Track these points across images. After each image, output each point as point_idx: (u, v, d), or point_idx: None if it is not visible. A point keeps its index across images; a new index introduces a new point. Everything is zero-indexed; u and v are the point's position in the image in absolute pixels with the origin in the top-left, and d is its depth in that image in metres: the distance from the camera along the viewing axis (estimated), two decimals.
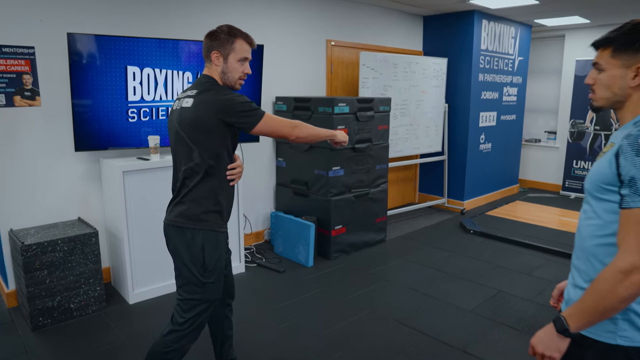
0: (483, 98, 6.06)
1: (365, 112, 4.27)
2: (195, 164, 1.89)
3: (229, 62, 1.94)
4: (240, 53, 1.94)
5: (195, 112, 1.86)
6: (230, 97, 1.85)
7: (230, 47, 1.92)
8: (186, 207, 1.93)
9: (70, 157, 3.43)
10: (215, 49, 1.93)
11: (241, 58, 1.95)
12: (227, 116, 1.84)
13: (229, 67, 1.94)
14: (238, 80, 1.98)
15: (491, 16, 5.89)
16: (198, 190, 1.92)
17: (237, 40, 1.93)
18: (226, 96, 1.85)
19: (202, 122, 1.85)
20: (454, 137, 6.05)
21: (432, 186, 6.37)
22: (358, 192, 4.37)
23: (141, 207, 3.32)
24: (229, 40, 1.92)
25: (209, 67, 1.98)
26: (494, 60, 6.11)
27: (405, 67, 5.31)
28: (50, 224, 3.35)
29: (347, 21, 5.16)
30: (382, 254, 4.45)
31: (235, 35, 1.94)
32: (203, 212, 1.92)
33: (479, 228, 5.12)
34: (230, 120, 1.85)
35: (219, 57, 1.93)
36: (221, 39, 1.92)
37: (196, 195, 1.92)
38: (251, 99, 3.90)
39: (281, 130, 1.95)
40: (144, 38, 3.28)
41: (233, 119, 1.85)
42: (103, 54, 3.15)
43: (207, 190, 1.92)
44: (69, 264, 3.10)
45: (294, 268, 4.09)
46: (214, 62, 1.95)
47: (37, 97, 3.26)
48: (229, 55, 1.93)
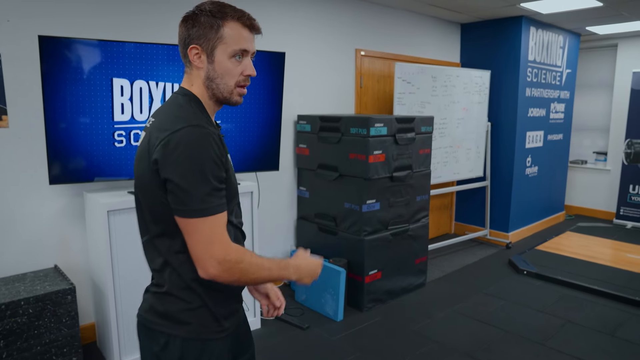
0: (530, 116, 5.33)
1: (405, 134, 3.57)
2: (153, 237, 1.23)
3: (216, 60, 1.19)
4: (234, 42, 1.19)
5: (141, 159, 1.17)
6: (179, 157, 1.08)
7: (215, 35, 1.17)
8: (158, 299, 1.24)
9: (46, 190, 2.76)
10: (193, 42, 1.19)
11: (236, 51, 1.20)
12: (167, 182, 1.11)
13: (217, 67, 1.20)
14: (235, 89, 1.23)
15: (540, 23, 5.19)
16: (164, 278, 1.22)
17: (226, 23, 1.18)
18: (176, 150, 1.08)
19: (147, 175, 1.15)
20: (497, 160, 5.31)
21: (471, 215, 5.61)
22: (396, 229, 3.64)
23: (130, 254, 2.63)
24: (212, 24, 1.17)
25: (187, 74, 1.25)
26: (541, 73, 5.39)
27: (444, 80, 4.61)
28: (17, 276, 2.67)
29: (378, 29, 4.49)
30: (424, 303, 3.69)
31: (223, 16, 1.18)
32: (182, 308, 1.21)
33: (534, 268, 4.34)
34: (169, 188, 1.11)
35: (201, 53, 1.19)
36: (201, 23, 1.17)
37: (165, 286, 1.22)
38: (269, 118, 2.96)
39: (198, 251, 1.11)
40: (136, 43, 2.62)
41: (170, 187, 1.10)
42: (83, 62, 2.48)
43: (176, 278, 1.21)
44: (36, 330, 2.41)
45: (320, 323, 3.35)
46: (194, 64, 1.21)
47: (3, 117, 2.61)
48: (216, 48, 1.18)
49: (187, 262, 1.17)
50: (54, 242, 2.84)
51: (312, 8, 3.91)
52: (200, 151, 1.09)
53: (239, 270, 1.12)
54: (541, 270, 4.29)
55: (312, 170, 3.77)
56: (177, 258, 1.19)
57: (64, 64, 2.44)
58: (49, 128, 2.48)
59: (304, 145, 3.82)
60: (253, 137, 3.18)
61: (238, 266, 1.12)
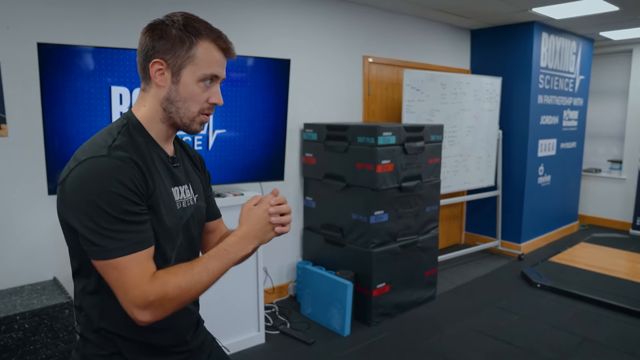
0: (542, 123, 5.20)
1: (414, 143, 3.46)
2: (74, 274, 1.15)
3: (182, 81, 1.07)
4: (206, 66, 1.07)
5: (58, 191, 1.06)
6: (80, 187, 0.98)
7: (186, 53, 1.06)
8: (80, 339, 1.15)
9: (45, 200, 2.70)
10: (158, 55, 1.06)
11: (207, 75, 1.08)
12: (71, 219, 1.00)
13: (181, 90, 1.08)
14: (198, 116, 1.11)
15: (552, 28, 5.07)
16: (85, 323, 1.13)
17: (200, 42, 1.06)
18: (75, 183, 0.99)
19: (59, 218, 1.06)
20: (509, 169, 5.18)
21: (481, 225, 5.48)
22: (405, 241, 3.53)
23: None
24: (184, 40, 1.05)
25: (143, 91, 1.13)
26: (554, 79, 5.27)
27: (454, 87, 4.51)
28: (15, 288, 2.60)
29: (386, 35, 4.40)
30: (435, 318, 3.57)
31: (198, 34, 1.06)
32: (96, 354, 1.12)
33: (547, 281, 4.20)
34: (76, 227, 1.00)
35: (165, 70, 1.07)
36: (171, 37, 1.05)
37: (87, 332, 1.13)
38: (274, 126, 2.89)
39: (122, 298, 0.99)
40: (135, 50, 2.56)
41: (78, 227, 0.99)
42: (81, 70, 2.42)
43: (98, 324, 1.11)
44: (31, 345, 2.33)
45: (326, 337, 3.24)
46: (154, 80, 1.08)
47: (2, 125, 2.55)
48: (184, 68, 1.06)
49: (98, 305, 1.07)
50: (53, 254, 2.77)
51: (319, 14, 3.84)
52: (101, 185, 0.96)
53: (169, 301, 0.99)
54: (555, 284, 4.15)
55: (318, 180, 3.67)
56: (88, 300, 1.09)
57: (62, 72, 2.38)
58: (48, 137, 2.41)
59: (310, 155, 3.73)
60: (257, 146, 3.10)
61: (165, 299, 0.99)
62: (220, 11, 3.26)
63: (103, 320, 1.08)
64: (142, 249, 1.00)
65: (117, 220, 0.97)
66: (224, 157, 2.97)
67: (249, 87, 2.97)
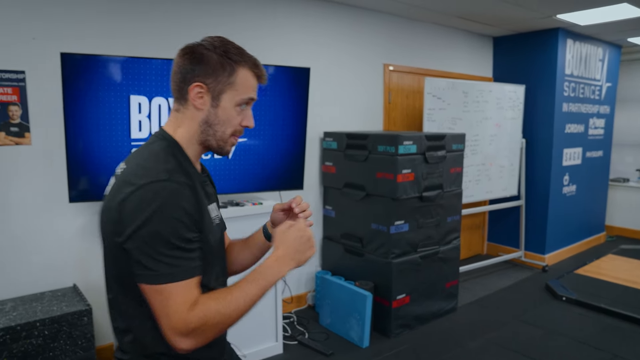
0: (567, 132, 5.08)
1: (435, 152, 3.41)
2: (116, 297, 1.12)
3: (221, 106, 1.09)
4: (244, 91, 1.10)
5: (104, 212, 1.06)
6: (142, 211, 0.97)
7: (227, 79, 1.08)
8: None
9: (66, 208, 2.73)
10: (198, 79, 1.07)
11: (244, 99, 1.11)
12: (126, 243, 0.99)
13: (220, 113, 1.10)
14: (230, 138, 1.14)
15: (577, 35, 4.97)
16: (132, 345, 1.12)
17: (240, 69, 1.09)
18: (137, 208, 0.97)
19: (106, 233, 1.05)
20: (532, 178, 5.07)
21: (504, 235, 5.36)
22: (425, 252, 3.46)
23: None
24: (226, 66, 1.07)
25: (178, 112, 1.13)
26: (579, 87, 5.15)
27: (476, 95, 4.44)
28: (36, 295, 2.62)
29: (407, 43, 4.36)
30: (456, 331, 3.49)
31: (239, 60, 1.09)
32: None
33: (573, 294, 4.07)
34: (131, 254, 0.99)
35: (204, 94, 1.08)
36: (212, 62, 1.07)
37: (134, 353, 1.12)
38: (293, 135, 2.88)
39: (164, 325, 0.99)
40: (156, 59, 2.57)
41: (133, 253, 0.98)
42: (102, 79, 2.44)
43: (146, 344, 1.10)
44: (51, 352, 2.34)
45: (345, 349, 3.19)
46: (192, 103, 1.09)
47: (26, 134, 2.59)
48: (224, 93, 1.09)
49: (152, 330, 1.05)
50: (73, 261, 2.79)
51: (339, 22, 3.82)
52: (164, 210, 0.97)
53: (210, 328, 1.00)
54: (582, 297, 4.02)
55: (338, 189, 3.64)
56: (142, 323, 1.06)
57: (84, 81, 2.41)
58: (70, 145, 2.44)
59: (330, 163, 3.70)
60: (276, 155, 3.08)
61: (207, 326, 0.99)
62: (240, 18, 3.26)
63: (160, 344, 1.04)
64: (190, 277, 1.00)
65: (174, 246, 0.98)
66: (244, 166, 2.96)
67: (268, 96, 2.97)
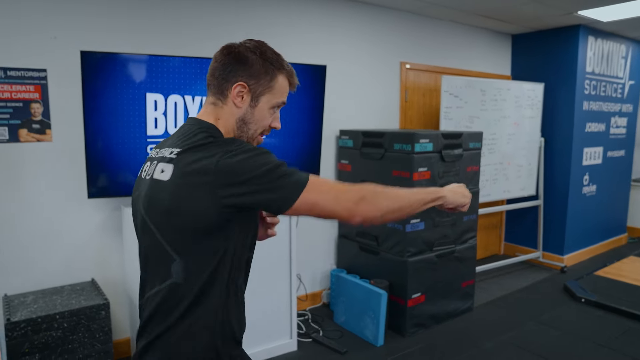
0: (588, 131, 4.99)
1: (452, 150, 3.38)
2: (176, 283, 1.07)
3: (259, 107, 1.17)
4: (279, 95, 1.19)
5: (179, 193, 1.03)
6: (245, 157, 1.03)
7: (268, 83, 1.16)
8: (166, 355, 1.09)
9: (86, 203, 2.77)
10: (242, 79, 1.14)
11: (278, 103, 1.20)
12: (241, 195, 1.02)
13: (256, 113, 1.17)
14: (258, 136, 1.22)
15: (599, 32, 4.87)
16: (186, 328, 1.08)
17: (279, 75, 1.17)
18: (238, 156, 1.02)
19: (192, 211, 1.03)
20: (551, 178, 4.99)
21: (521, 235, 5.29)
22: (441, 251, 3.44)
23: None
24: (268, 71, 1.15)
25: (216, 106, 1.17)
26: (600, 85, 5.05)
27: (494, 94, 4.38)
28: (55, 288, 2.67)
29: (424, 41, 4.33)
30: (471, 331, 3.46)
31: (279, 67, 1.17)
32: None
33: (593, 296, 4.00)
34: (249, 200, 1.03)
35: (245, 94, 1.15)
36: (255, 65, 1.14)
37: (185, 336, 1.09)
38: (310, 132, 2.91)
39: (337, 207, 1.08)
40: (172, 57, 2.60)
41: (252, 198, 1.02)
42: (120, 77, 2.48)
43: (201, 325, 1.09)
44: (70, 345, 2.38)
45: (359, 347, 3.19)
46: (232, 100, 1.15)
47: (47, 131, 2.64)
48: (263, 95, 1.16)
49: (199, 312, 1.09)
50: (91, 256, 2.84)
51: (355, 20, 3.81)
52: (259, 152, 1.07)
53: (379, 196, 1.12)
54: (601, 299, 3.94)
55: None
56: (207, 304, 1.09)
57: (102, 79, 2.45)
58: (89, 142, 2.48)
59: (346, 161, 3.70)
60: (293, 152, 3.09)
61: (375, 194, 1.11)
62: (257, 15, 3.28)
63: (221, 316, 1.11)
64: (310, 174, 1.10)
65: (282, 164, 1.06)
66: None
67: None
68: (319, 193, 1.06)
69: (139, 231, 1.17)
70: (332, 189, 1.08)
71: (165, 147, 1.14)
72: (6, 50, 2.49)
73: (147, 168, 1.17)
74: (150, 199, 1.10)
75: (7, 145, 2.54)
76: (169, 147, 1.12)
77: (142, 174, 1.19)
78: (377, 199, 1.11)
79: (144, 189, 1.13)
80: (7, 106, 2.52)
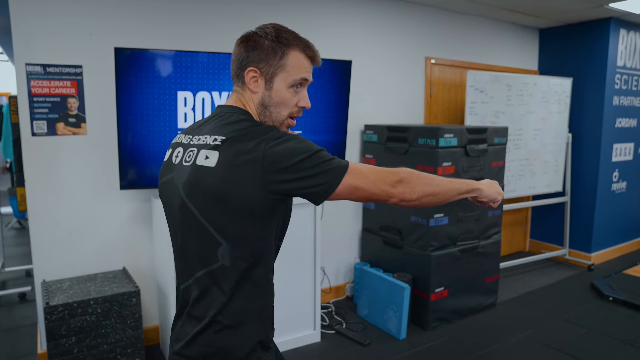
0: (618, 126, 4.89)
1: (476, 145, 3.37)
2: (223, 266, 1.10)
3: (274, 88, 1.16)
4: (296, 72, 1.16)
5: (226, 179, 1.05)
6: (288, 145, 1.06)
7: (278, 62, 1.14)
8: (216, 339, 1.12)
9: (118, 195, 2.88)
10: (252, 64, 1.15)
11: (296, 80, 1.16)
12: (288, 181, 1.05)
13: (274, 95, 1.16)
14: (286, 120, 1.20)
15: (632, 24, 4.76)
16: (232, 311, 1.12)
17: (290, 52, 1.15)
18: (282, 144, 1.05)
19: (239, 197, 1.05)
20: (578, 174, 4.91)
21: (547, 232, 5.23)
22: (465, 245, 3.44)
23: None
24: (277, 50, 1.14)
25: (238, 93, 1.20)
26: (632, 79, 4.94)
27: (520, 89, 4.34)
28: (89, 275, 2.79)
29: (449, 36, 4.31)
30: (495, 326, 3.45)
31: (288, 43, 1.15)
32: (248, 351, 1.13)
33: (621, 295, 3.94)
34: (295, 187, 1.06)
35: (258, 77, 1.16)
36: (264, 47, 1.14)
37: (230, 319, 1.12)
38: (335, 127, 2.93)
39: (375, 189, 1.12)
40: (201, 52, 2.67)
41: (298, 184, 1.06)
42: (151, 72, 2.56)
43: (244, 309, 1.13)
44: (103, 329, 2.49)
45: (382, 340, 3.22)
46: (248, 86, 1.17)
47: (82, 124, 2.75)
48: (276, 75, 1.15)
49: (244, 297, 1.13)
50: (123, 245, 2.95)
51: (380, 15, 3.83)
52: (299, 140, 1.09)
53: (415, 179, 1.15)
54: (630, 298, 3.88)
55: None
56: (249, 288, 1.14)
57: (135, 74, 2.53)
58: (121, 136, 2.58)
59: (371, 156, 3.73)
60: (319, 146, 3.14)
61: (412, 177, 1.15)
62: (283, 12, 3.33)
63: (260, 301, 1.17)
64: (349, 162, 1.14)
65: (322, 150, 1.10)
66: None
67: (311, 88, 3.02)
68: (359, 176, 1.10)
69: (178, 216, 1.17)
70: (372, 173, 1.12)
71: (204, 134, 1.15)
72: (45, 48, 2.60)
73: (179, 154, 1.18)
74: (194, 185, 1.10)
75: (46, 139, 2.66)
76: (208, 134, 1.14)
77: (172, 159, 1.20)
78: (414, 182, 1.15)
79: (183, 175, 1.14)
80: (46, 101, 2.64)
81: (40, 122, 2.64)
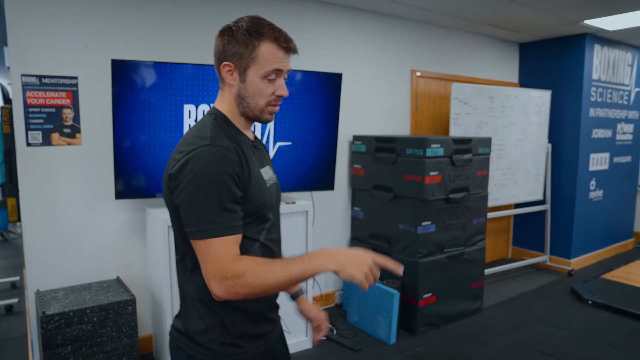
0: (594, 137, 5.09)
1: (462, 155, 3.49)
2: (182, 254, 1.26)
3: (248, 80, 1.18)
4: (267, 63, 1.17)
5: (163, 185, 1.22)
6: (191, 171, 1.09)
7: (250, 54, 1.16)
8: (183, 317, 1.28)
9: (112, 205, 2.91)
10: (227, 58, 1.18)
11: (269, 72, 1.18)
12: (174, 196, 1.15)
13: (248, 87, 1.19)
14: (266, 108, 1.21)
15: (605, 40, 4.98)
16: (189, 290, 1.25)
17: (262, 43, 1.16)
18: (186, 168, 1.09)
19: (165, 200, 1.22)
20: (558, 183, 5.08)
21: (529, 239, 5.38)
22: (451, 252, 3.54)
23: None
24: (247, 43, 1.16)
25: (220, 88, 1.26)
26: (606, 92, 5.15)
27: (502, 101, 4.50)
28: (84, 285, 2.80)
29: (434, 49, 4.46)
30: (481, 330, 3.55)
31: (259, 35, 1.16)
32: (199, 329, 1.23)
33: (600, 298, 4.08)
34: None
35: (233, 71, 1.19)
36: (237, 41, 1.16)
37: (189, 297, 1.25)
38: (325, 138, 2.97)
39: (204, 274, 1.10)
40: (188, 64, 2.74)
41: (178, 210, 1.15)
42: (147, 84, 2.62)
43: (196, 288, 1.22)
44: (99, 338, 2.51)
45: (372, 345, 3.29)
46: (226, 80, 1.21)
47: (77, 135, 2.78)
48: (249, 68, 1.17)
49: (201, 281, 1.16)
50: (117, 255, 2.97)
51: (368, 28, 3.95)
52: (210, 171, 1.08)
53: (243, 285, 1.05)
54: (608, 301, 4.03)
55: (366, 190, 3.75)
56: (192, 277, 1.22)
57: (131, 86, 2.59)
58: (117, 146, 2.62)
59: (359, 166, 3.82)
60: (309, 157, 3.22)
61: (241, 281, 1.05)
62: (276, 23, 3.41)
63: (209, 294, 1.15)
64: (230, 234, 1.10)
65: (216, 205, 1.08)
66: (279, 167, 3.10)
67: (303, 100, 3.10)
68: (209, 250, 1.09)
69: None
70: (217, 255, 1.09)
71: None
72: (41, 59, 2.63)
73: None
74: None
75: (41, 149, 2.68)
76: None
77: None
78: (241, 287, 1.06)
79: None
80: (41, 112, 2.67)
81: (35, 133, 2.66)
